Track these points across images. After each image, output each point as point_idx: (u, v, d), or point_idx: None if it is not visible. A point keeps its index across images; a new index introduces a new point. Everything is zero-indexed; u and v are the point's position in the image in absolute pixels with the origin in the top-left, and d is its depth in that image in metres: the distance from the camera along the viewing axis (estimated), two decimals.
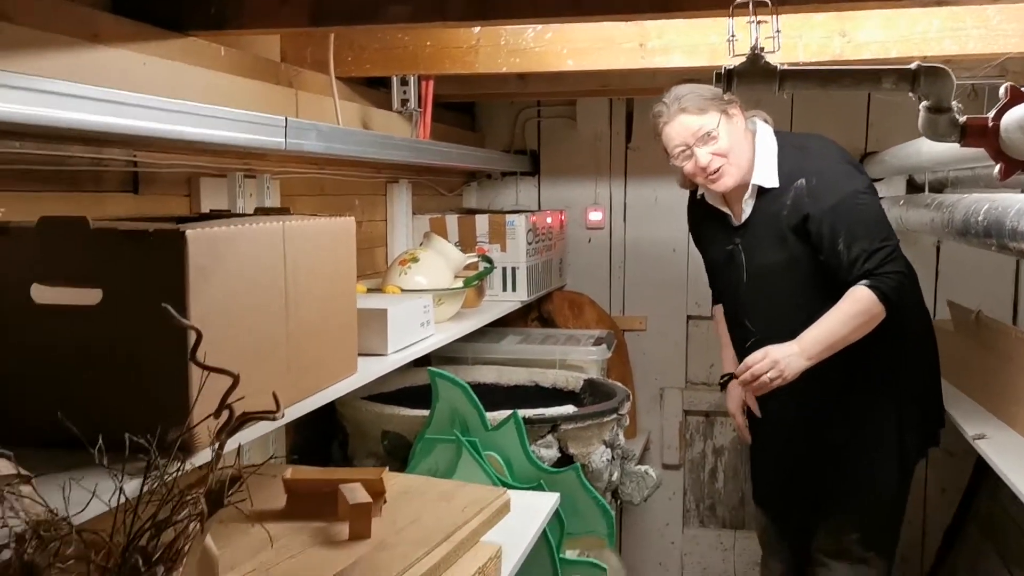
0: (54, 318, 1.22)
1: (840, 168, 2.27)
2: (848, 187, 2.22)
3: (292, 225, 1.48)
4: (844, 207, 2.19)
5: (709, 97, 2.25)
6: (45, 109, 1.14)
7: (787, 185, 2.27)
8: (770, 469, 2.57)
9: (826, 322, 2.17)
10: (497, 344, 3.01)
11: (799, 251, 2.26)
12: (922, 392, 2.38)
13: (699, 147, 2.25)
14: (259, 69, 2.07)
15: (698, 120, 2.24)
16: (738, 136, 2.28)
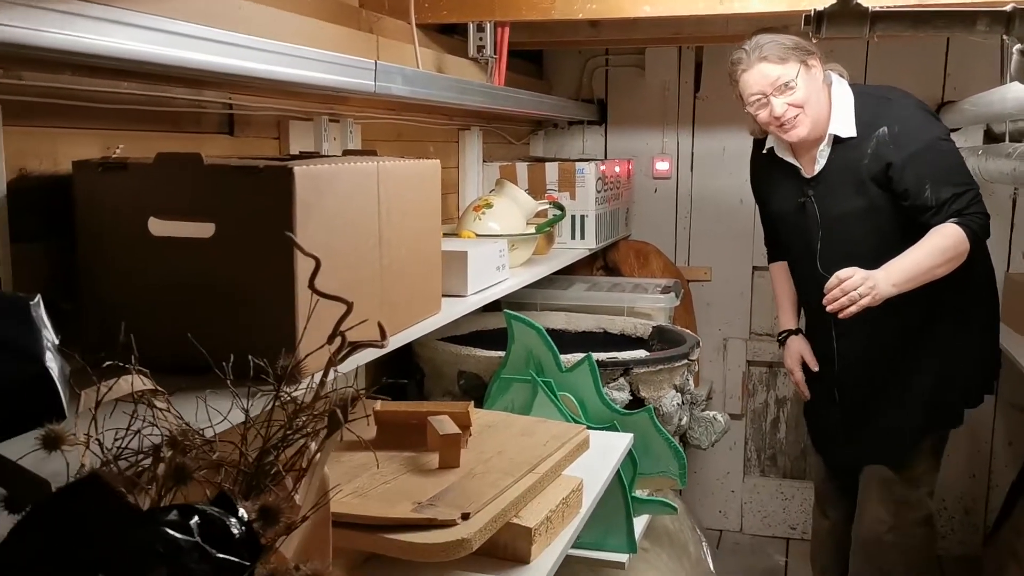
0: (170, 250, 1.29)
1: (920, 116, 2.29)
2: (930, 134, 2.24)
3: (385, 165, 1.53)
4: (928, 153, 2.20)
5: (791, 47, 2.25)
6: (150, 46, 1.18)
7: (867, 134, 2.28)
8: (825, 413, 2.60)
9: (913, 253, 2.17)
10: (564, 291, 3.04)
11: (879, 199, 2.28)
12: (979, 341, 2.41)
13: (776, 96, 2.25)
14: (343, 15, 2.11)
15: (778, 69, 2.24)
16: (815, 88, 2.29)
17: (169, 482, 0.80)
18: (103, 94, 1.41)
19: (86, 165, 1.30)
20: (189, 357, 1.18)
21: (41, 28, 0.97)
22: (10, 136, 1.25)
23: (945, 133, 2.30)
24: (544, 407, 2.06)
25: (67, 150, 1.36)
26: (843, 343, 2.46)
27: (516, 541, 1.44)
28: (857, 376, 2.47)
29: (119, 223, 1.30)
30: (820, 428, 2.68)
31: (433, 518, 1.32)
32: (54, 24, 0.99)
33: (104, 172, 1.29)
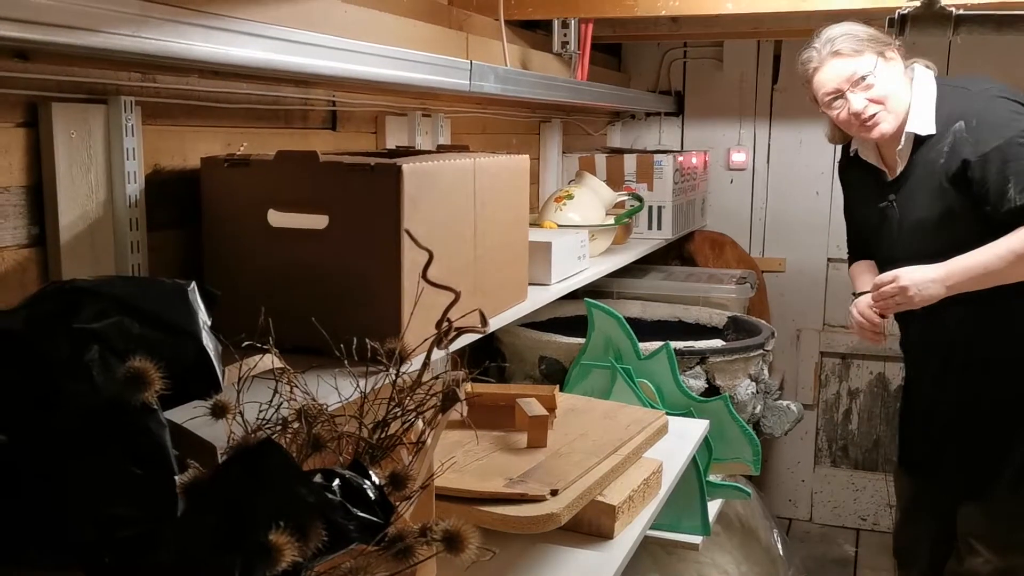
0: (287, 239, 1.40)
1: (1004, 107, 2.05)
2: (1014, 128, 2.01)
3: (481, 162, 1.62)
4: (1011, 148, 1.99)
5: (865, 38, 2.08)
6: (268, 54, 1.29)
7: (945, 130, 2.10)
8: (921, 427, 2.39)
9: (981, 253, 2.01)
10: (640, 280, 3.11)
11: (957, 204, 2.09)
12: None
13: (853, 92, 2.10)
14: (434, 14, 2.21)
15: (853, 63, 2.08)
16: (897, 80, 2.11)
17: (307, 449, 0.91)
18: (225, 95, 1.53)
19: (213, 161, 1.42)
20: (304, 338, 1.29)
21: (189, 42, 1.08)
22: (147, 135, 1.37)
23: None
24: (623, 393, 2.14)
25: (194, 146, 1.49)
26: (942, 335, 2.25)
27: (600, 517, 1.53)
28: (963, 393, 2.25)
29: (241, 214, 1.42)
30: (912, 434, 2.45)
31: (525, 493, 1.42)
32: (197, 38, 1.11)
33: (229, 167, 1.41)
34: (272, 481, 0.68)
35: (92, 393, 0.82)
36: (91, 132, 1.26)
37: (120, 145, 1.29)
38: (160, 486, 0.74)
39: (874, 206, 2.29)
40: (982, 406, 2.22)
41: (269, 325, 1.07)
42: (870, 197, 2.31)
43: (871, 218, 2.32)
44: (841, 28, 2.13)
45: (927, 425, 2.36)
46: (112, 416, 0.81)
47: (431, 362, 1.27)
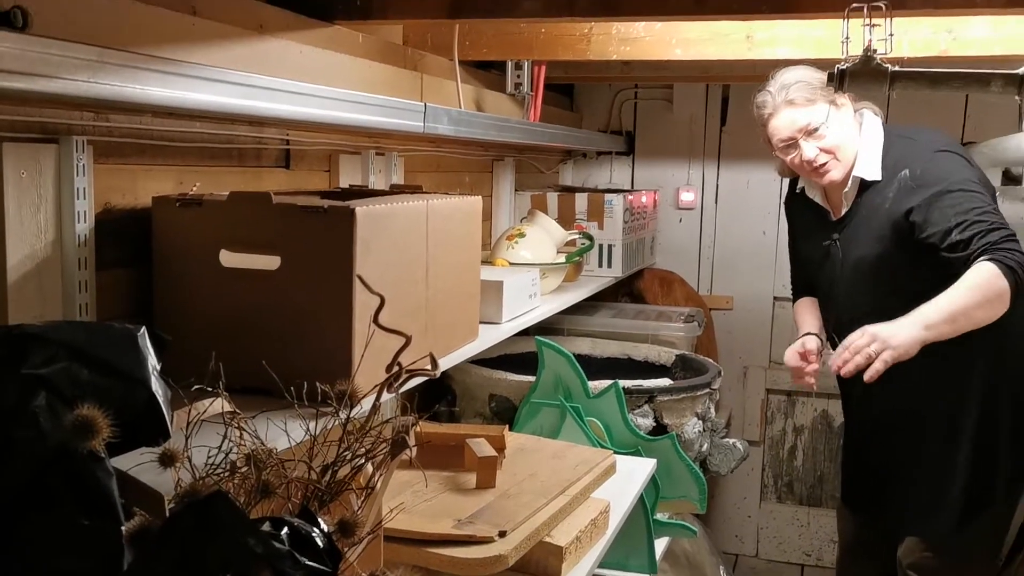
0: (238, 280, 1.40)
1: (948, 159, 2.11)
2: (958, 176, 2.05)
3: (434, 204, 1.64)
4: (954, 194, 2.02)
5: (817, 86, 2.12)
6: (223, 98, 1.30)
7: (890, 177, 2.14)
8: (863, 466, 2.41)
9: (947, 294, 1.95)
10: (591, 317, 3.15)
11: (897, 250, 2.13)
12: None
13: (805, 141, 2.16)
14: (390, 54, 2.23)
15: (806, 113, 2.13)
16: (846, 128, 2.18)
17: (256, 495, 0.91)
18: (178, 134, 1.54)
19: (165, 200, 1.43)
20: (255, 379, 1.29)
21: (145, 87, 1.09)
22: (98, 173, 1.37)
23: (977, 177, 2.11)
24: (572, 431, 2.16)
25: (145, 185, 1.49)
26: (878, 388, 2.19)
27: (548, 559, 1.54)
28: (894, 427, 2.28)
29: (193, 254, 1.42)
30: (856, 484, 2.47)
31: (473, 535, 1.43)
32: (153, 82, 1.12)
33: (181, 207, 1.41)
34: (220, 532, 0.68)
35: (39, 440, 0.82)
36: (42, 172, 1.26)
37: (71, 185, 1.28)
38: (107, 537, 0.74)
39: (818, 243, 2.34)
40: (924, 444, 2.26)
41: (219, 369, 1.07)
42: (814, 234, 2.37)
43: (814, 255, 2.37)
44: (796, 74, 2.18)
45: (869, 462, 2.40)
46: (59, 464, 0.81)
47: (382, 403, 1.28)
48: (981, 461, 2.18)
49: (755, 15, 1.93)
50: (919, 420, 2.24)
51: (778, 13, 1.75)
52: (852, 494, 2.50)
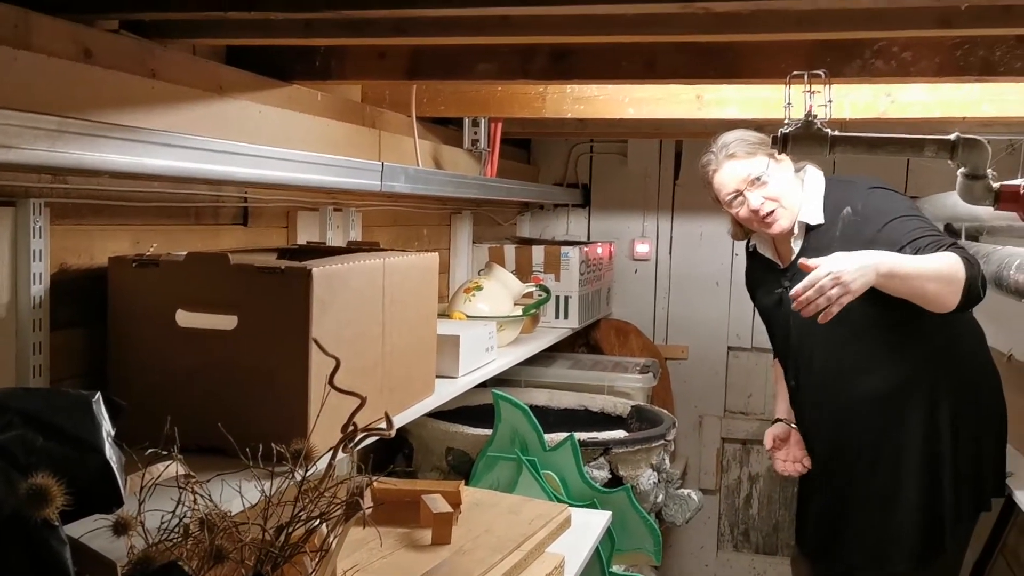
0: (195, 340, 1.41)
1: (883, 194, 2.24)
2: (899, 207, 2.17)
3: (391, 262, 1.67)
4: (901, 221, 2.11)
5: (756, 142, 2.25)
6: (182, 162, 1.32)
7: (834, 217, 2.23)
8: (818, 513, 2.42)
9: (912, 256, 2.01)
10: (548, 368, 3.18)
11: None
12: (986, 450, 2.28)
13: (750, 191, 2.24)
14: (348, 112, 2.27)
15: (747, 165, 2.23)
16: (788, 179, 2.28)
17: (209, 560, 0.92)
18: (135, 194, 1.55)
19: (121, 261, 1.44)
20: (210, 438, 1.30)
21: (103, 154, 1.11)
22: (55, 234, 1.38)
23: (912, 205, 2.23)
24: (528, 484, 2.18)
25: (102, 245, 1.49)
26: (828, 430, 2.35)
27: None
28: (843, 468, 2.32)
29: (149, 314, 1.43)
30: (809, 529, 2.47)
31: None
32: (112, 149, 1.13)
33: (138, 268, 1.42)
34: None
35: None
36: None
37: (27, 247, 1.29)
38: None
39: (771, 293, 2.41)
40: (873, 483, 2.29)
41: (174, 433, 1.08)
42: (768, 287, 2.44)
43: (770, 307, 2.44)
44: (734, 134, 2.29)
45: (821, 506, 2.43)
46: (13, 532, 0.81)
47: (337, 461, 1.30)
48: (930, 500, 2.23)
49: (703, 80, 2.00)
50: (867, 460, 2.28)
51: (724, 79, 1.82)
52: (806, 540, 2.52)
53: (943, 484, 2.24)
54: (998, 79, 1.69)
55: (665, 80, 1.90)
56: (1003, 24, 1.32)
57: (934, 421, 2.23)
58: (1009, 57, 1.64)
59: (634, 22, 1.38)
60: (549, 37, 1.54)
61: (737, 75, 1.79)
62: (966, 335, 2.30)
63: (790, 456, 2.46)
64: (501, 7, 1.22)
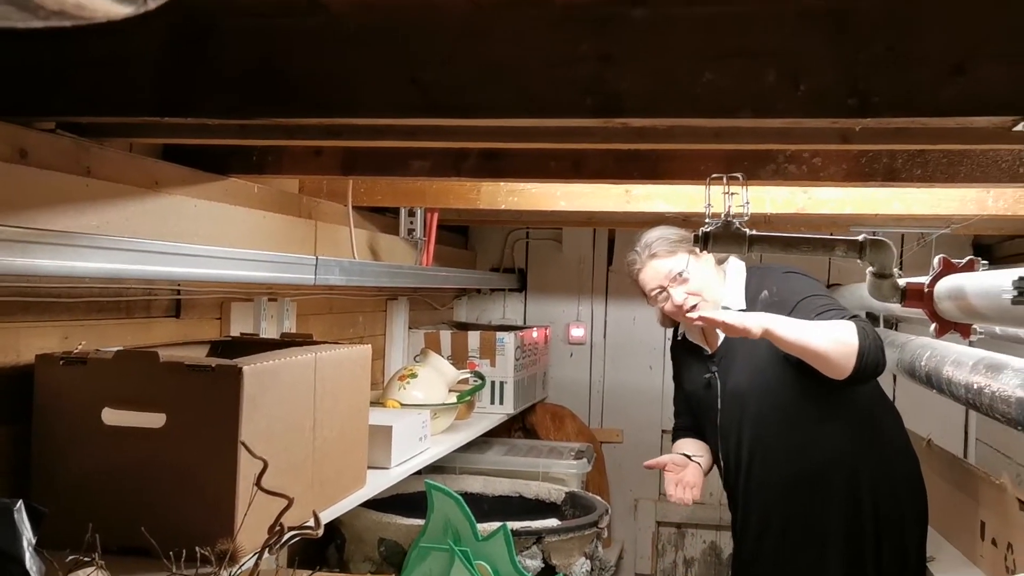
0: (122, 438, 1.41)
1: (796, 278, 2.37)
2: (810, 288, 2.31)
3: (322, 356, 1.69)
4: (810, 299, 2.25)
5: (676, 240, 2.37)
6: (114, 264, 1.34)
7: (753, 302, 2.35)
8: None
9: (806, 321, 2.13)
10: (483, 455, 3.18)
11: (771, 368, 2.28)
12: (908, 532, 2.35)
13: (673, 287, 2.35)
14: (285, 204, 2.31)
15: (668, 263, 2.35)
16: (709, 272, 2.39)
17: None
18: (65, 290, 1.56)
19: (48, 358, 1.43)
20: (135, 538, 1.29)
21: (34, 260, 1.13)
22: None
23: (822, 286, 2.37)
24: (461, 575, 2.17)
25: (28, 342, 1.49)
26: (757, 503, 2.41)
27: None
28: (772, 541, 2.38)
29: (76, 412, 1.42)
30: None
31: None
32: (43, 255, 1.15)
33: (65, 365, 1.42)
34: None
35: None
36: None
37: None
38: None
39: (699, 379, 2.49)
40: (799, 557, 2.34)
41: (96, 540, 1.07)
42: (695, 372, 2.52)
43: (698, 391, 2.51)
44: (656, 233, 2.41)
45: None
46: None
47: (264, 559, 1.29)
48: (854, 571, 2.29)
49: (627, 180, 2.09)
50: (792, 540, 2.34)
51: (648, 180, 1.91)
52: None
53: (866, 566, 2.30)
54: (901, 184, 1.80)
55: (592, 180, 1.98)
56: (897, 142, 1.42)
57: (857, 503, 2.31)
58: (910, 165, 1.76)
59: (559, 132, 1.45)
60: (480, 143, 1.61)
61: (660, 177, 1.88)
62: (887, 419, 2.40)
63: (682, 481, 2.46)
64: (432, 118, 1.27)
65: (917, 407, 3.51)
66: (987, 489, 2.42)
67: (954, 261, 1.74)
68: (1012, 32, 1.08)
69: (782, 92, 1.16)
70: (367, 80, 1.25)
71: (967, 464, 2.57)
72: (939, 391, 1.97)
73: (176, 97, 1.28)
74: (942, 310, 1.70)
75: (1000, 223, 2.81)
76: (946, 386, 1.87)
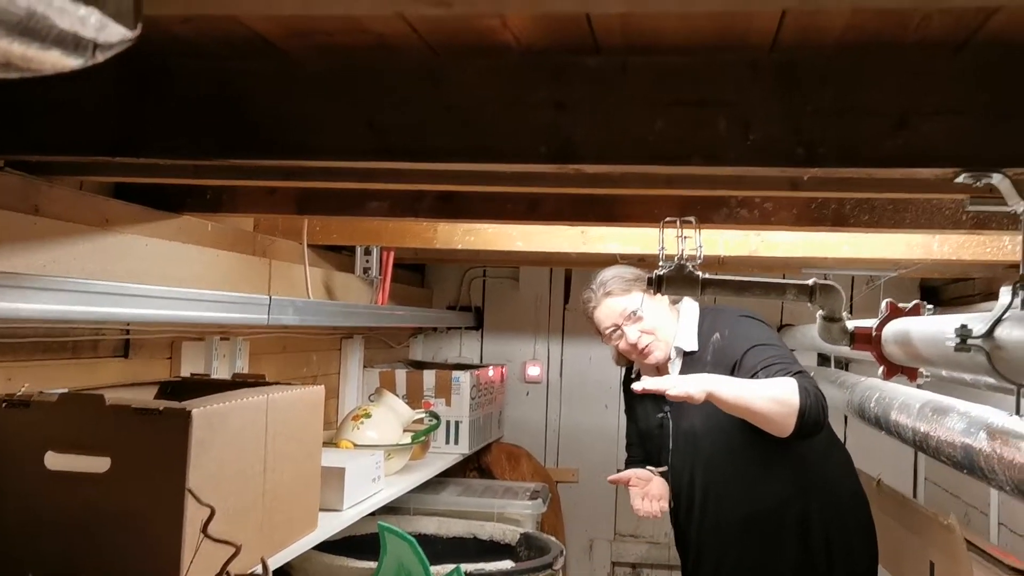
0: (66, 483, 1.37)
1: (748, 322, 2.40)
2: (760, 336, 2.32)
3: (274, 397, 1.67)
4: (759, 349, 2.27)
5: (631, 279, 2.39)
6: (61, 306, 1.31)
7: (706, 343, 2.38)
8: None
9: (746, 380, 2.15)
10: (438, 495, 3.15)
11: (722, 412, 2.27)
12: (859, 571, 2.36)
13: (627, 326, 2.37)
14: (239, 242, 2.29)
15: (623, 301, 2.37)
16: (663, 312, 2.42)
17: None
18: (9, 330, 1.52)
19: None
20: None
21: None
22: None
23: (777, 337, 2.41)
24: None
25: None
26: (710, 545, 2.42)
27: None
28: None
29: (17, 456, 1.38)
30: None
31: None
32: None
33: (7, 408, 1.39)
34: None
35: None
36: None
37: None
38: None
39: (653, 418, 2.51)
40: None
41: None
42: (649, 411, 2.53)
43: (651, 430, 2.53)
44: (611, 271, 2.42)
45: None
46: None
47: None
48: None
49: (583, 223, 2.11)
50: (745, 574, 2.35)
51: (603, 222, 1.94)
52: None
53: None
54: (850, 229, 1.84)
55: (548, 222, 1.99)
56: (844, 189, 1.45)
57: (808, 543, 2.32)
58: (858, 211, 1.80)
59: (515, 177, 1.46)
60: (436, 185, 1.61)
61: (615, 220, 1.90)
62: (836, 459, 2.42)
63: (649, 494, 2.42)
64: (388, 162, 1.27)
65: (867, 447, 3.56)
66: (936, 530, 2.44)
67: (900, 305, 1.78)
68: (953, 87, 1.12)
69: (732, 141, 1.18)
70: (324, 123, 1.25)
71: (916, 504, 2.60)
72: (888, 433, 2.00)
73: (128, 137, 1.27)
74: (889, 354, 1.74)
75: (945, 267, 2.88)
76: (894, 428, 1.90)
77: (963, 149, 1.12)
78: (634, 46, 1.17)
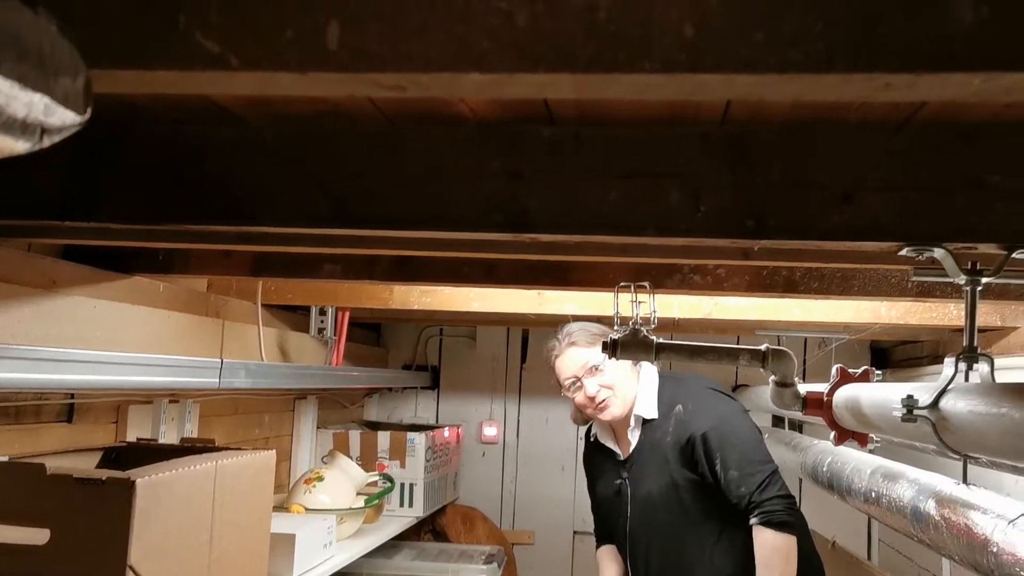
0: (3, 556, 1.32)
1: (711, 394, 2.43)
2: (722, 409, 2.34)
3: (223, 464, 1.63)
4: (719, 430, 2.29)
5: (597, 333, 2.38)
6: None
7: (667, 413, 2.39)
8: None
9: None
10: (390, 560, 3.09)
11: (682, 478, 2.33)
12: None
13: (587, 378, 2.36)
14: (191, 303, 2.26)
15: (586, 353, 2.37)
16: (623, 370, 2.41)
17: None
18: None
19: None
20: None
21: None
22: None
23: (739, 409, 2.44)
24: None
25: None
26: None
27: None
28: None
29: None
30: None
31: None
32: None
33: None
34: None
35: None
36: None
37: None
38: None
39: (610, 483, 2.50)
40: None
41: None
42: (607, 476, 2.52)
43: (608, 496, 2.51)
44: (579, 324, 2.44)
45: None
46: None
47: None
48: None
49: (539, 286, 2.12)
50: None
51: (558, 286, 1.95)
52: None
53: None
54: (800, 296, 1.87)
55: (504, 285, 2.00)
56: (793, 260, 1.48)
57: None
58: (807, 278, 1.83)
59: (472, 243, 1.47)
60: (392, 250, 1.61)
61: (570, 284, 1.91)
62: None
63: None
64: (344, 228, 1.27)
65: (822, 509, 3.57)
66: None
67: (851, 371, 1.80)
68: (895, 164, 1.15)
69: (684, 212, 1.20)
70: (280, 189, 1.25)
71: (871, 567, 2.61)
72: (840, 496, 2.01)
73: (80, 201, 1.26)
74: (840, 419, 1.75)
75: (894, 330, 2.94)
76: (846, 493, 1.91)
77: (906, 223, 1.15)
78: (588, 118, 1.20)
